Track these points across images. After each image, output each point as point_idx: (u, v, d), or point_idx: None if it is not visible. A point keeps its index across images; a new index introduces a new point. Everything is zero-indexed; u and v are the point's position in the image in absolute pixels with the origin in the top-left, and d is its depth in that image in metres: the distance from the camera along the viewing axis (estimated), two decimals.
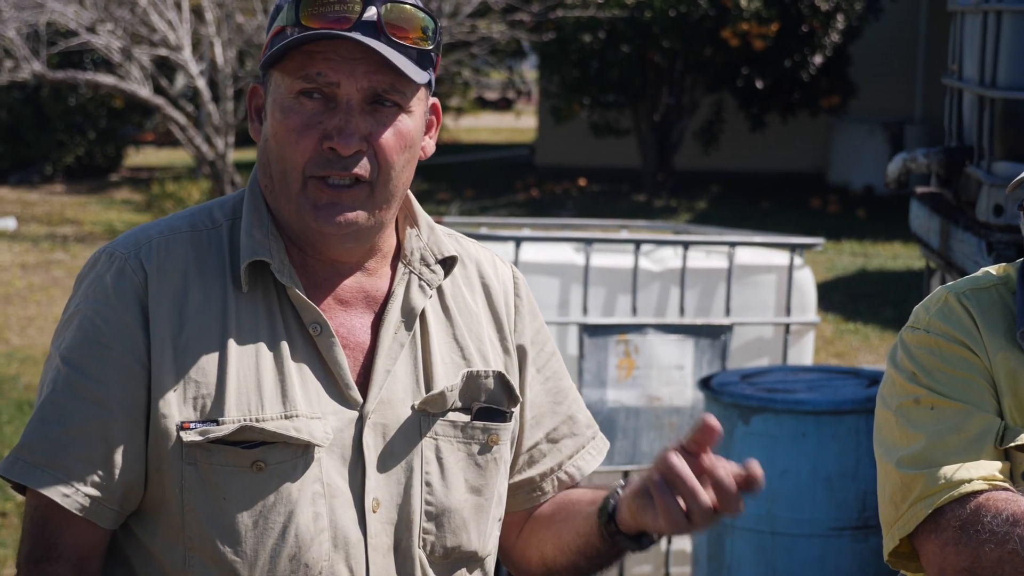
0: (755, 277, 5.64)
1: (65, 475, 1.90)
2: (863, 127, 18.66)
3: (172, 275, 1.96)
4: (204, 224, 2.02)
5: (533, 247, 5.49)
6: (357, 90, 1.94)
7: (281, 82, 1.96)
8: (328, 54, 1.93)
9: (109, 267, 1.97)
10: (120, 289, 1.94)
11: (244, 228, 1.99)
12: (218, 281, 1.97)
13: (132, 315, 1.93)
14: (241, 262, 1.96)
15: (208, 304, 1.95)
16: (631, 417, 5.34)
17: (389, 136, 1.96)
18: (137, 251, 1.97)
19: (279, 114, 1.95)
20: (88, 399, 1.91)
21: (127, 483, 1.93)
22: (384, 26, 1.93)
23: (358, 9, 1.93)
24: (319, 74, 1.93)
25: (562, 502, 2.17)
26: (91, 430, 1.91)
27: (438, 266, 2.07)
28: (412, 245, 2.07)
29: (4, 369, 9.03)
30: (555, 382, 2.19)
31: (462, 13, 15.84)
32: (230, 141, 15.83)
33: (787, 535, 4.60)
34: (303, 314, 1.97)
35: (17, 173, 20.61)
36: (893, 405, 2.14)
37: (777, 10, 16.82)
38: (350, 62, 1.93)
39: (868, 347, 10.17)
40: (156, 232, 2.00)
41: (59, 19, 15.51)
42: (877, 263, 13.56)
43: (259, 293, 1.97)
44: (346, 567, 1.95)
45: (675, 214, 16.58)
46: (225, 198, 2.07)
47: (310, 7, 1.93)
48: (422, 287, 2.05)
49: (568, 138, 20.32)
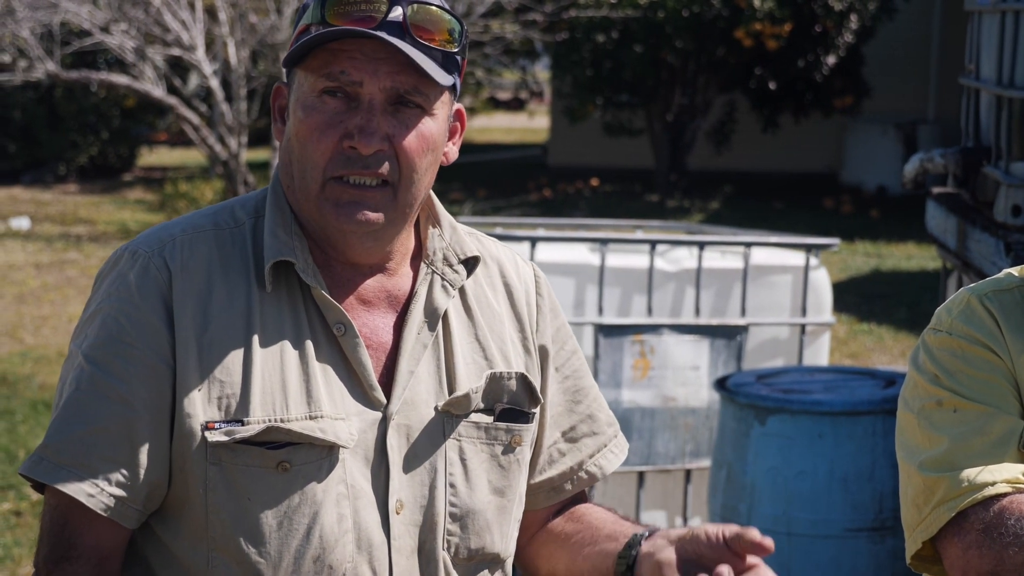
0: (770, 277, 5.63)
1: (90, 475, 1.89)
2: (876, 127, 18.63)
3: (196, 273, 1.94)
4: (227, 223, 2.01)
5: (548, 247, 5.49)
6: (380, 90, 1.93)
7: (304, 80, 1.95)
8: (352, 53, 1.92)
9: (132, 265, 1.95)
10: (144, 287, 1.93)
11: (268, 228, 1.98)
12: (242, 280, 1.96)
13: (156, 314, 1.92)
14: (265, 262, 1.95)
15: (232, 303, 1.94)
16: (646, 417, 5.33)
17: (412, 138, 1.95)
18: (161, 249, 1.96)
19: (301, 112, 1.95)
20: (112, 398, 1.90)
21: (152, 483, 1.92)
22: (410, 27, 1.92)
23: (384, 9, 1.92)
24: (342, 72, 1.92)
25: (581, 522, 2.15)
26: (116, 430, 1.90)
27: (460, 266, 2.06)
28: (435, 245, 2.06)
29: (18, 368, 9.04)
30: (575, 381, 2.18)
31: (475, 13, 15.83)
32: (243, 141, 15.83)
33: (803, 536, 4.58)
34: (327, 314, 1.96)
35: (31, 173, 20.65)
36: (915, 407, 2.13)
37: (790, 10, 16.79)
38: (374, 61, 1.92)
39: (882, 348, 10.14)
40: (179, 230, 1.99)
41: (73, 19, 15.53)
42: (891, 264, 13.53)
43: (283, 293, 1.96)
44: (369, 568, 1.95)
45: (688, 214, 16.56)
46: (247, 196, 2.06)
47: (336, 5, 1.92)
48: (445, 287, 2.04)
49: (581, 138, 20.30)
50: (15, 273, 12.68)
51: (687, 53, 17.33)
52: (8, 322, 10.58)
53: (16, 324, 10.51)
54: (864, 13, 17.28)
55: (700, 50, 17.19)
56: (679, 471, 5.43)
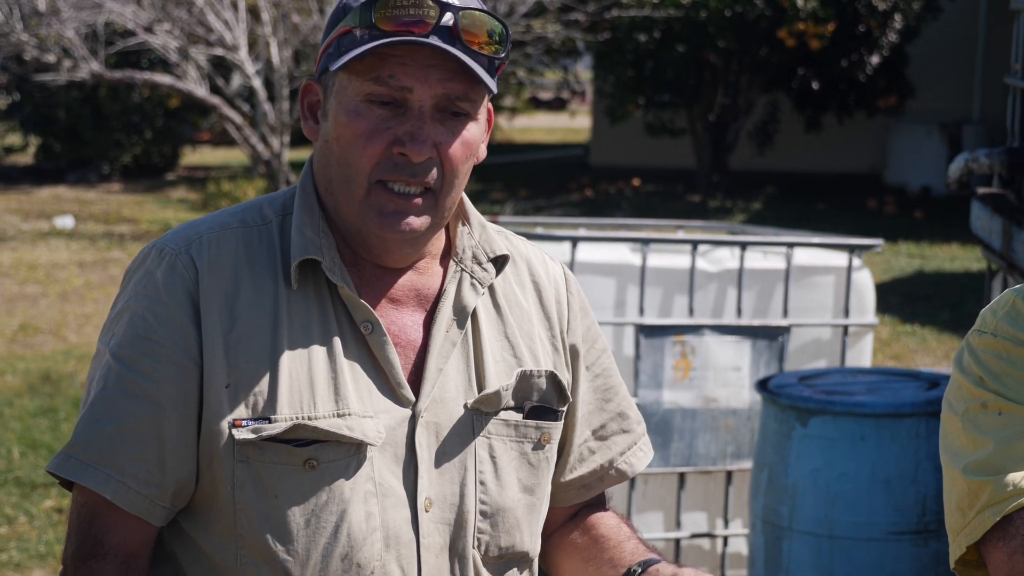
0: (813, 278, 5.59)
1: (117, 473, 1.89)
2: (920, 128, 18.53)
3: (223, 271, 1.94)
4: (254, 220, 2.00)
5: (589, 247, 5.47)
6: (430, 96, 1.90)
7: (348, 84, 1.92)
8: (403, 58, 1.89)
9: (159, 263, 1.95)
10: (171, 285, 1.92)
11: (295, 226, 1.96)
12: (269, 278, 1.95)
13: (183, 311, 1.91)
14: (292, 260, 1.94)
15: (259, 301, 1.93)
16: (687, 419, 5.30)
17: (458, 146, 1.93)
18: (188, 247, 1.95)
19: (345, 117, 1.92)
20: (140, 396, 1.90)
21: (179, 480, 1.92)
22: (460, 33, 1.90)
23: (434, 14, 1.89)
24: (391, 76, 1.89)
25: (588, 535, 2.16)
26: (143, 428, 1.90)
27: (489, 264, 2.05)
28: (464, 243, 2.05)
29: (61, 366, 9.09)
30: (605, 379, 2.17)
31: (517, 13, 15.83)
32: (285, 140, 15.89)
33: (845, 539, 4.55)
34: (354, 313, 1.95)
35: (75, 172, 20.80)
36: (959, 410, 2.10)
37: (834, 10, 16.71)
38: (425, 68, 1.89)
39: (925, 349, 10.08)
40: (206, 228, 1.98)
41: (117, 19, 15.63)
42: (934, 265, 13.45)
43: (310, 291, 1.95)
44: (398, 567, 1.94)
45: (730, 215, 16.51)
46: (275, 194, 2.05)
47: (384, 8, 1.89)
48: (473, 285, 2.03)
49: (622, 138, 20.28)
50: (59, 271, 12.76)
51: (729, 53, 17.28)
52: (52, 320, 10.64)
53: (59, 322, 10.57)
54: (908, 12, 17.18)
55: (743, 50, 17.14)
56: (720, 472, 5.41)
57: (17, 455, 7.13)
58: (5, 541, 6.06)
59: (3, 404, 8.11)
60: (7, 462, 7.04)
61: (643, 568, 2.03)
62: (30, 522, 6.30)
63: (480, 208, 15.84)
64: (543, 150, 25.12)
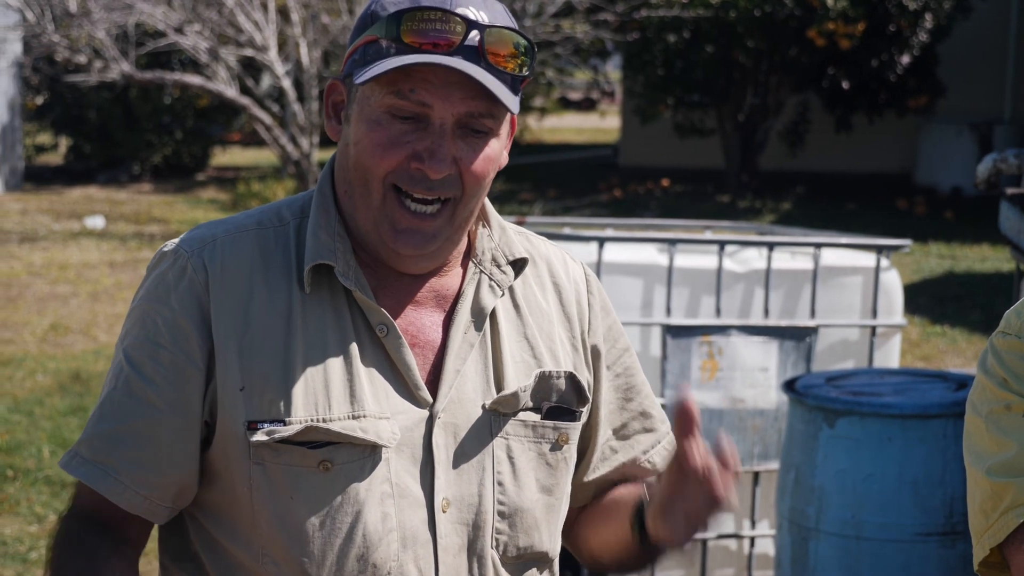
0: (841, 279, 5.58)
1: (115, 472, 1.93)
2: (951, 128, 18.46)
3: (236, 274, 1.94)
4: (271, 222, 2.00)
5: (616, 247, 5.46)
6: (452, 115, 1.90)
7: (371, 93, 1.91)
8: (426, 74, 1.88)
9: (172, 265, 1.96)
10: (180, 290, 1.94)
11: (310, 229, 1.96)
12: (284, 280, 1.95)
13: (189, 316, 1.92)
14: (305, 264, 1.94)
15: (273, 304, 1.94)
16: (714, 419, 5.29)
17: (479, 162, 1.93)
18: (201, 250, 1.96)
19: (364, 126, 1.92)
20: (142, 398, 1.93)
21: (178, 483, 1.94)
22: (486, 52, 1.89)
23: (460, 31, 1.88)
24: (412, 91, 1.88)
25: (607, 501, 2.18)
26: (143, 429, 1.93)
27: (508, 267, 2.05)
28: (484, 245, 2.05)
29: (92, 366, 9.14)
30: (626, 378, 2.17)
31: (546, 13, 15.83)
32: (315, 141, 15.93)
33: (872, 540, 4.53)
34: (369, 315, 1.95)
35: (106, 172, 20.90)
36: (983, 411, 2.09)
37: (864, 9, 16.66)
38: (447, 86, 1.88)
39: (955, 350, 10.04)
40: (222, 230, 1.99)
41: (148, 20, 15.69)
42: (965, 265, 13.40)
43: (325, 293, 1.96)
44: (415, 567, 1.94)
45: (759, 215, 16.47)
46: (295, 197, 2.05)
47: (411, 23, 1.88)
48: (492, 287, 2.03)
49: (652, 138, 20.27)
50: (89, 271, 12.82)
51: (759, 53, 17.25)
52: (82, 320, 10.70)
53: (90, 322, 10.62)
54: (939, 12, 17.12)
55: (772, 50, 17.10)
56: (747, 473, 5.40)
57: (47, 454, 7.17)
58: (35, 539, 6.10)
59: (34, 403, 8.16)
60: (37, 461, 7.08)
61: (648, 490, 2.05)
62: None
63: (509, 208, 15.85)
64: (572, 150, 25.11)
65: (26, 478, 6.83)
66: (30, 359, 9.33)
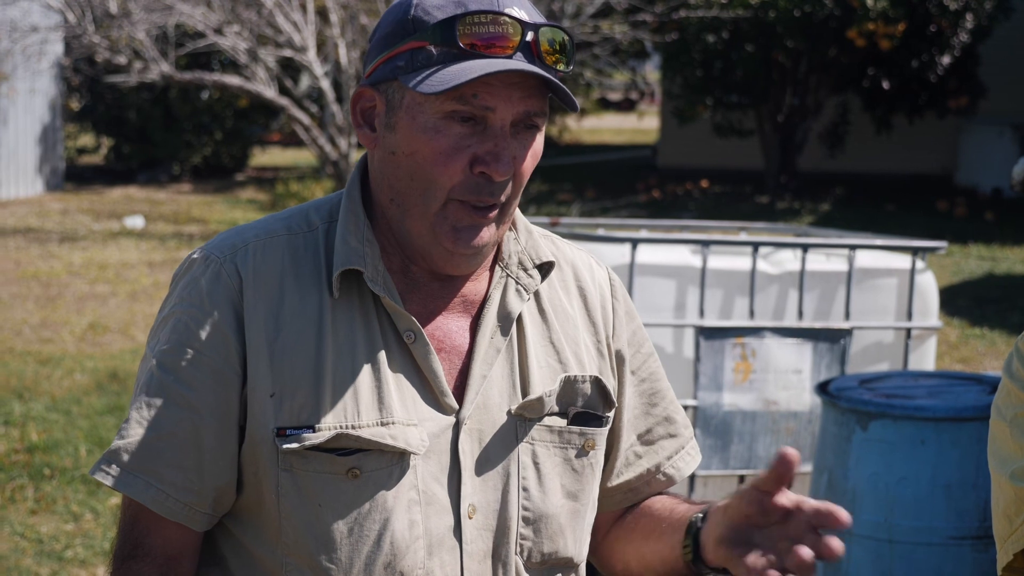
0: (876, 281, 5.55)
1: (157, 480, 1.91)
2: (992, 128, 18.35)
3: (268, 280, 1.94)
4: (300, 227, 1.99)
5: (650, 249, 5.45)
6: (512, 115, 1.90)
7: (425, 99, 1.89)
8: (487, 78, 1.87)
9: (204, 271, 1.95)
10: (214, 294, 1.93)
11: (339, 234, 1.96)
12: (314, 286, 1.95)
13: (226, 321, 1.92)
14: (334, 270, 1.94)
15: (304, 309, 1.94)
16: (747, 421, 5.28)
17: (529, 159, 1.94)
18: (233, 255, 1.96)
19: (422, 134, 1.90)
20: (180, 404, 1.91)
21: (219, 488, 1.93)
22: (541, 51, 1.89)
23: (514, 31, 1.88)
24: (475, 96, 1.87)
25: (645, 513, 2.15)
26: (183, 436, 1.91)
27: (535, 271, 2.04)
28: (510, 249, 2.05)
29: (129, 365, 9.19)
30: (651, 384, 2.16)
31: (585, 14, 15.82)
32: (353, 141, 15.96)
33: (905, 543, 4.51)
34: (397, 322, 1.95)
35: (145, 172, 21.01)
36: (1008, 416, 2.08)
37: (904, 9, 16.58)
38: (508, 87, 1.88)
39: (994, 352, 9.97)
40: (252, 236, 1.98)
41: (187, 21, 15.77)
42: (1005, 267, 13.31)
43: (355, 299, 1.95)
44: (441, 574, 1.94)
45: (798, 216, 16.41)
46: (322, 200, 2.04)
47: (465, 27, 1.87)
48: (519, 291, 2.03)
49: (691, 139, 20.23)
50: (129, 271, 12.89)
51: (798, 53, 17.19)
52: (121, 319, 10.76)
53: (128, 321, 10.68)
54: (980, 12, 17.01)
55: (812, 50, 17.04)
56: None
57: (84, 453, 7.21)
58: (71, 538, 6.14)
59: (71, 402, 8.21)
60: (74, 460, 7.12)
61: (704, 515, 1.98)
62: (96, 519, 6.37)
63: (547, 209, 15.83)
64: (611, 151, 25.08)
65: (63, 477, 6.87)
66: (68, 358, 9.39)
